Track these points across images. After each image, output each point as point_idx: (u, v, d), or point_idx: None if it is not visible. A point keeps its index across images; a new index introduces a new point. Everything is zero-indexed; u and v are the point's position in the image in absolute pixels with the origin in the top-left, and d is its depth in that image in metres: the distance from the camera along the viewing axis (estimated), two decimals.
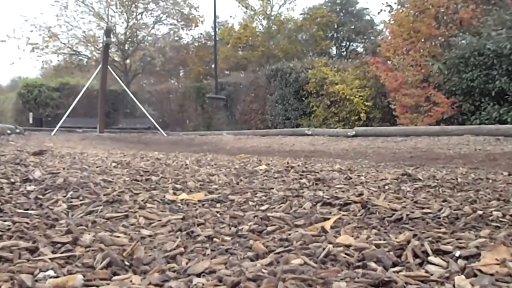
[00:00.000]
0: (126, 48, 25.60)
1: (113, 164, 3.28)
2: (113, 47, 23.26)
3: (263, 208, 1.85)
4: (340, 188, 2.38)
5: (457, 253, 1.13)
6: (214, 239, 1.34)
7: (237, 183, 2.52)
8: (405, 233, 1.33)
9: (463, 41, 11.64)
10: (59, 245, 1.22)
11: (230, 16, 49.45)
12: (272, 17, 25.02)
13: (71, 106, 16.44)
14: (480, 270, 1.01)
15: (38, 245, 1.19)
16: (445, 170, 3.64)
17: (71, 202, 1.85)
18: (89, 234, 1.33)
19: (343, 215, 1.66)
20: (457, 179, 2.82)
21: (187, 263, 1.10)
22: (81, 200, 1.88)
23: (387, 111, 13.22)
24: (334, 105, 14.54)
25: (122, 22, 25.40)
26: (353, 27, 25.22)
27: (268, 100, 16.89)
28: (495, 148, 6.99)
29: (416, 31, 12.54)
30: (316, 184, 2.56)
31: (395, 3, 14.26)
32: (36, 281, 0.93)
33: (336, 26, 25.48)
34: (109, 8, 24.89)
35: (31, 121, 20.32)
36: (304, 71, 15.51)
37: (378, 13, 31.47)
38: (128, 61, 25.74)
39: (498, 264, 1.04)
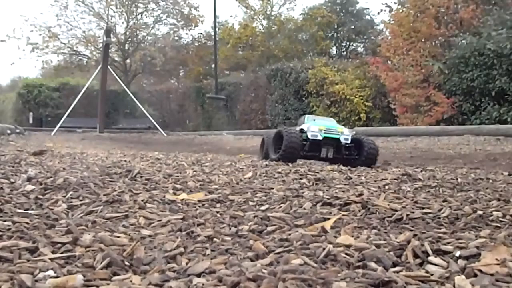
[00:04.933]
0: (126, 48, 25.61)
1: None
2: (113, 47, 23.28)
3: (263, 208, 1.85)
4: (340, 188, 2.38)
5: (457, 253, 1.13)
6: (214, 239, 1.34)
7: (237, 183, 2.52)
8: (405, 233, 1.33)
9: (463, 41, 11.64)
10: (59, 245, 1.22)
11: (230, 16, 49.61)
12: (272, 17, 25.02)
13: (71, 106, 16.47)
14: (480, 270, 1.01)
15: (38, 245, 1.19)
16: (445, 170, 3.64)
17: (71, 202, 1.84)
18: (89, 234, 1.33)
19: (343, 215, 1.66)
20: (457, 179, 2.82)
21: (187, 263, 1.10)
22: (81, 200, 1.88)
23: (387, 111, 13.22)
24: (334, 105, 14.54)
25: (122, 22, 25.46)
26: (353, 27, 25.20)
27: (268, 100, 16.89)
28: (495, 148, 6.99)
29: (416, 31, 12.54)
30: (316, 184, 2.56)
31: (395, 3, 14.27)
32: (36, 281, 0.93)
33: (336, 26, 25.46)
34: (109, 8, 24.93)
35: (31, 121, 20.33)
36: (304, 71, 15.51)
37: (378, 13, 31.43)
38: (128, 61, 25.75)
39: (498, 264, 1.03)
